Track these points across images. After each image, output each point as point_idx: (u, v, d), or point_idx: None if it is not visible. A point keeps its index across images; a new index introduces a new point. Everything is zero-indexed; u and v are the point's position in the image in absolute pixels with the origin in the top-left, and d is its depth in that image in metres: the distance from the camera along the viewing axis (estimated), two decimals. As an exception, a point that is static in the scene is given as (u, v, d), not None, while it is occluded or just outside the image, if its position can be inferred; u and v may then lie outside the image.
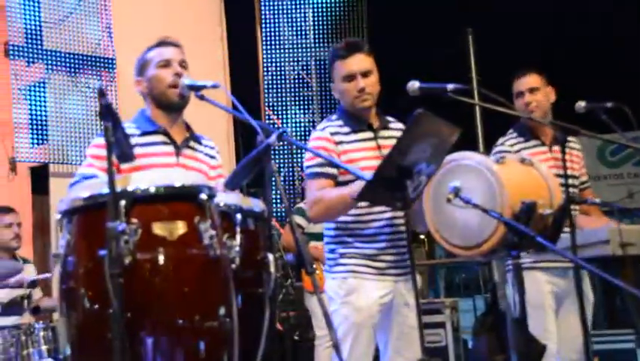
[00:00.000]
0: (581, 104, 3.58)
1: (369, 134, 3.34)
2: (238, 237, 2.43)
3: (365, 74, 3.29)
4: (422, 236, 11.29)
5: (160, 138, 3.04)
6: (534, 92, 3.99)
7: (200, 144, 3.15)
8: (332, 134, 3.30)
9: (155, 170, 2.84)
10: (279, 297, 7.49)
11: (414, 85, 3.14)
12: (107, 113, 2.00)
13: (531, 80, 4.02)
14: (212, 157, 3.17)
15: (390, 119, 3.45)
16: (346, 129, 3.32)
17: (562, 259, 3.42)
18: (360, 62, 3.30)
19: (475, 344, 5.77)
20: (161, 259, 2.13)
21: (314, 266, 5.41)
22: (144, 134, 3.02)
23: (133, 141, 2.71)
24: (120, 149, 2.06)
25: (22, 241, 5.27)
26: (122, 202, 2.08)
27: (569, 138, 4.05)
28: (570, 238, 3.12)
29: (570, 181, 3.85)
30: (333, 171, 3.25)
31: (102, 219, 2.01)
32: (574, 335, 3.62)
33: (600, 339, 4.33)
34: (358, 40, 3.42)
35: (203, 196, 2.22)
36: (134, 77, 3.12)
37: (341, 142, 3.29)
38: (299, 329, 6.82)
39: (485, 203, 2.74)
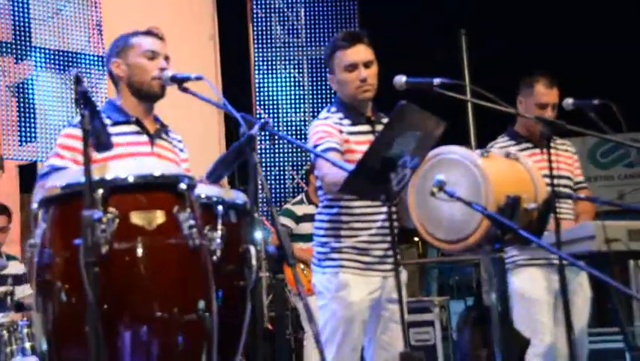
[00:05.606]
0: (569, 101, 3.56)
1: (366, 127, 3.30)
2: (219, 229, 2.41)
3: (367, 65, 3.25)
4: (416, 238, 11.25)
5: (133, 127, 2.98)
6: (554, 109, 3.91)
7: (168, 136, 3.12)
8: (335, 123, 3.26)
9: (132, 158, 2.81)
10: (269, 297, 7.45)
11: (401, 79, 3.12)
12: (84, 101, 1.97)
13: (556, 94, 3.91)
14: (180, 150, 3.14)
15: (381, 114, 3.42)
16: (346, 121, 3.28)
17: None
18: (363, 52, 3.26)
19: (459, 338, 5.76)
20: (139, 248, 2.10)
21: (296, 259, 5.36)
22: (116, 123, 2.95)
23: None
24: (97, 137, 2.03)
25: (11, 240, 5.25)
26: (100, 191, 2.06)
27: (560, 141, 4.04)
28: (555, 233, 3.10)
29: (561, 182, 3.84)
30: (339, 147, 3.20)
31: (79, 209, 1.97)
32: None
33: (590, 339, 4.33)
34: (359, 30, 3.36)
35: (183, 186, 2.20)
36: (110, 58, 3.03)
37: (342, 132, 3.25)
38: (290, 328, 6.78)
39: (470, 197, 2.71)
